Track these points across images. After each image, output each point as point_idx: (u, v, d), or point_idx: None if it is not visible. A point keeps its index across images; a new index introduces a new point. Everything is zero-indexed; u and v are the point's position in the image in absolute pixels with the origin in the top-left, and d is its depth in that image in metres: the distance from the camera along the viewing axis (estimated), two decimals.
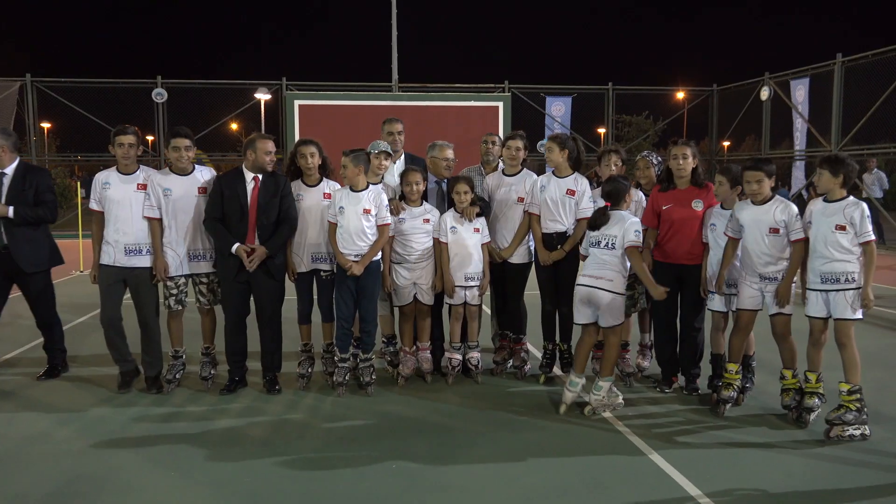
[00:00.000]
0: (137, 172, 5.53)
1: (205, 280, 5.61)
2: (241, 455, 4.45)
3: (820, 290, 4.76)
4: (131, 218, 5.44)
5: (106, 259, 5.50)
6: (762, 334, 5.39)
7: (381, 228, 5.57)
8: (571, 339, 5.91)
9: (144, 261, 5.50)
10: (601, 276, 5.04)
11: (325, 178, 5.76)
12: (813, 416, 4.95)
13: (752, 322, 5.13)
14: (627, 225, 5.05)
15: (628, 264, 5.13)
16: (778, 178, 5.17)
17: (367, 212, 5.48)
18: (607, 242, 5.07)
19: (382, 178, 5.96)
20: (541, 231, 5.80)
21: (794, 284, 4.99)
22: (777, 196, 5.03)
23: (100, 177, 5.54)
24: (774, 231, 4.93)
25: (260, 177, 5.49)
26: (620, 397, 5.25)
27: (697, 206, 5.44)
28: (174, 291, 5.57)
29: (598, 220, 5.14)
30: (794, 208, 4.96)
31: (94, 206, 5.56)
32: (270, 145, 5.52)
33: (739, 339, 5.15)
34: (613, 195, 5.15)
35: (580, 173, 5.82)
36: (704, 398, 5.51)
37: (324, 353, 5.94)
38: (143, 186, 5.49)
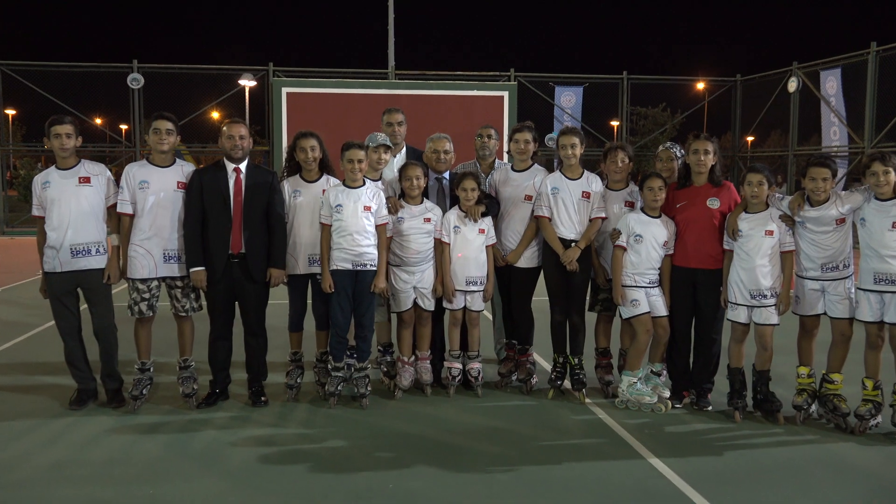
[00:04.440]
0: (78, 166, 5.45)
1: (179, 284, 5.56)
2: (223, 473, 4.46)
3: (872, 292, 5.02)
4: (73, 215, 5.33)
5: (50, 266, 5.39)
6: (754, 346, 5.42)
7: (379, 228, 5.59)
8: (583, 352, 5.93)
9: (95, 261, 5.42)
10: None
11: (325, 174, 5.78)
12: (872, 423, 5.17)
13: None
14: None
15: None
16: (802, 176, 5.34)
17: (367, 209, 5.50)
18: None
19: (381, 173, 5.98)
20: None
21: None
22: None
23: (38, 178, 5.45)
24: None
25: (242, 168, 5.50)
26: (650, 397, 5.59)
27: (713, 204, 5.50)
28: (146, 296, 5.48)
29: None
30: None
31: (36, 211, 5.45)
32: (236, 129, 5.51)
33: (845, 350, 5.31)
34: None
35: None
36: (717, 415, 5.53)
37: (316, 363, 5.95)
38: (86, 179, 5.40)
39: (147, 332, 5.62)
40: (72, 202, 5.35)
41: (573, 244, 5.72)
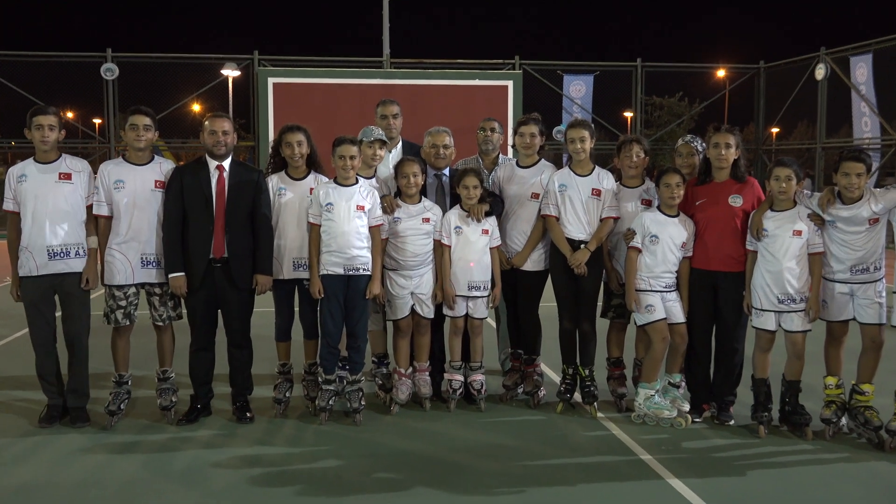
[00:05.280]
0: (59, 160, 5.45)
1: (157, 291, 5.58)
2: (205, 495, 4.46)
3: None
4: (52, 213, 5.32)
5: (26, 269, 5.37)
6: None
7: (373, 230, 5.60)
8: (594, 363, 5.92)
9: (74, 264, 5.42)
10: None
11: (312, 172, 5.79)
12: None
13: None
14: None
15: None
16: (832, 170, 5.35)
17: (360, 208, 5.51)
18: None
19: (375, 170, 5.99)
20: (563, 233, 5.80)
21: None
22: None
23: (14, 171, 5.44)
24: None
25: (226, 165, 5.52)
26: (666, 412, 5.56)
27: (735, 201, 5.51)
28: (122, 303, 5.50)
29: None
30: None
31: (9, 205, 5.42)
32: (219, 123, 5.51)
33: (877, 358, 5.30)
34: None
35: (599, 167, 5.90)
36: (740, 429, 5.52)
37: (305, 375, 5.96)
38: (67, 176, 5.40)
39: (125, 343, 5.64)
40: (49, 199, 5.35)
41: (582, 246, 5.72)
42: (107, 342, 5.62)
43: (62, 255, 5.38)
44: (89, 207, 5.49)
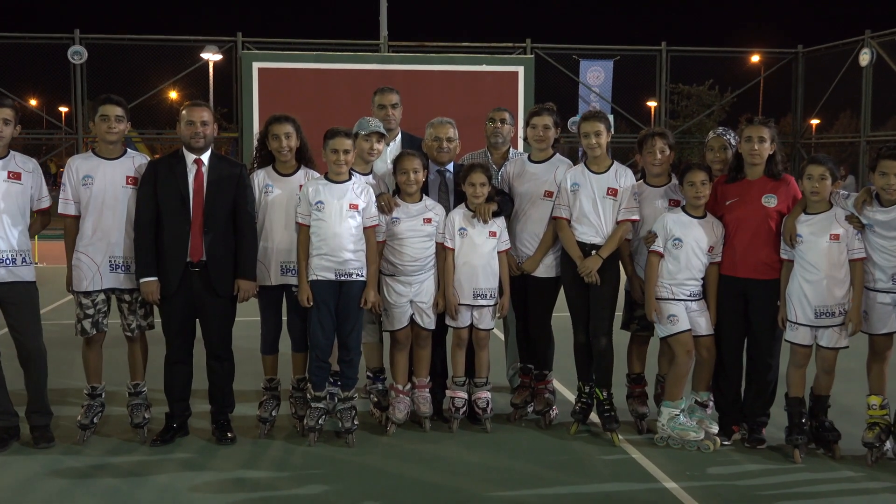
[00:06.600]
0: (7, 158, 5.45)
1: (127, 298, 5.62)
2: None
3: None
4: None
5: None
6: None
7: (368, 232, 5.62)
8: (612, 384, 5.90)
9: (21, 273, 5.43)
10: None
11: (302, 167, 5.82)
12: None
13: None
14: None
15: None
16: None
17: (354, 207, 5.54)
18: None
19: (372, 165, 6.01)
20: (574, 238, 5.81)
21: None
22: None
23: None
24: None
25: (205, 159, 5.55)
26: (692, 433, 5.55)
27: (769, 202, 5.52)
28: (90, 311, 5.54)
29: None
30: None
31: None
32: (198, 113, 5.55)
33: None
34: None
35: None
36: (772, 453, 5.54)
37: (293, 392, 5.98)
38: (17, 175, 5.41)
39: (96, 354, 5.69)
40: None
41: (594, 252, 5.72)
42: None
43: (7, 262, 5.38)
44: (38, 211, 5.57)
